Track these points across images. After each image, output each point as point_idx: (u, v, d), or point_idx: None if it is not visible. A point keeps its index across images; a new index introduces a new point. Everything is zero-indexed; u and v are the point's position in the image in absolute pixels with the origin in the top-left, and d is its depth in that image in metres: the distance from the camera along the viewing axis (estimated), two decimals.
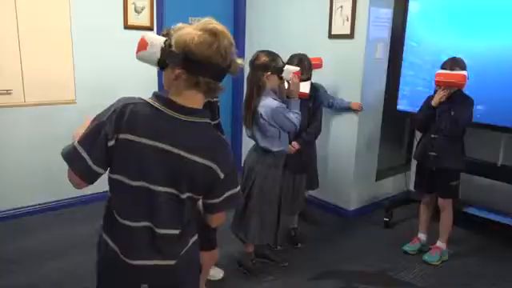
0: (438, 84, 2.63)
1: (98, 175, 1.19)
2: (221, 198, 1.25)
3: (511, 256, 2.99)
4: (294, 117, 2.40)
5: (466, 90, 2.66)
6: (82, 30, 3.31)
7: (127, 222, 1.21)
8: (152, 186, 1.17)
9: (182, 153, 1.15)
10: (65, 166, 1.18)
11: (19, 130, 3.20)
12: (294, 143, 2.86)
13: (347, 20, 3.32)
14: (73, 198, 3.42)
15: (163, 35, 1.49)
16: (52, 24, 3.18)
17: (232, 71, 1.20)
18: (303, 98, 2.66)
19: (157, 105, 1.17)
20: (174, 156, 1.15)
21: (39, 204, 3.38)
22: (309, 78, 2.83)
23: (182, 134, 1.16)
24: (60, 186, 3.34)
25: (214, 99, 2.16)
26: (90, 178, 1.19)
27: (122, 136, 1.15)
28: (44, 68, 3.19)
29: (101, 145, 1.15)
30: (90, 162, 1.16)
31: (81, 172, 1.18)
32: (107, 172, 1.21)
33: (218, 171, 1.20)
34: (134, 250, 1.22)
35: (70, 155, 1.18)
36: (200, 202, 1.28)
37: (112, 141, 1.15)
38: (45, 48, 3.17)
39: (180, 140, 1.16)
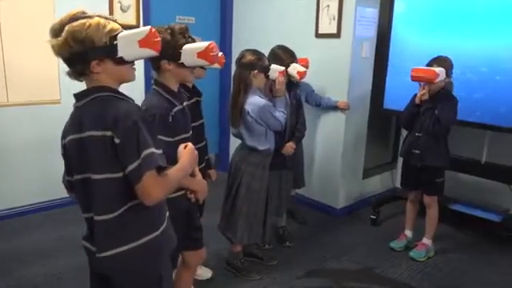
0: (412, 79, 2.67)
1: (69, 182, 1.33)
2: (131, 167, 1.16)
3: (495, 251, 3.05)
4: (281, 115, 2.41)
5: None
6: None
7: (84, 215, 1.31)
8: (80, 176, 1.24)
9: (78, 135, 1.21)
10: (49, 167, 1.27)
11: (3, 131, 3.14)
12: (291, 144, 2.87)
13: (334, 19, 3.34)
14: (61, 198, 3.37)
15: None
16: (35, 22, 3.12)
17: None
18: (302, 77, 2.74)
19: (75, 104, 1.27)
20: (75, 142, 1.22)
21: (23, 206, 3.32)
22: (293, 62, 2.80)
23: (80, 117, 1.23)
24: (44, 187, 3.32)
25: (197, 98, 2.15)
26: (67, 186, 1.35)
27: (62, 143, 1.30)
28: (27, 67, 3.14)
29: None
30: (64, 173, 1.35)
31: (64, 184, 1.37)
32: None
33: (114, 137, 1.16)
34: (86, 234, 1.34)
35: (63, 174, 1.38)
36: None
37: (62, 149, 1.31)
38: (28, 46, 3.11)
39: (78, 124, 1.22)
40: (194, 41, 1.82)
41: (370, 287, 2.58)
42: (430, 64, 2.67)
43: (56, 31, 1.20)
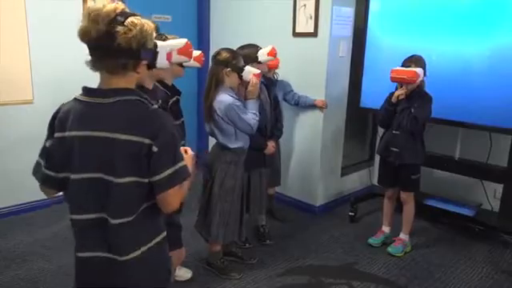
0: (392, 80, 2.71)
1: (53, 178, 1.25)
2: (161, 175, 1.18)
3: (469, 244, 3.13)
4: (251, 117, 2.38)
5: (426, 87, 2.77)
6: (39, 25, 3.16)
7: (75, 216, 1.24)
8: (92, 175, 1.19)
9: (105, 134, 1.17)
10: (22, 169, 1.18)
11: None
12: (272, 143, 2.87)
13: (311, 18, 3.36)
14: (31, 202, 3.28)
15: None
16: (6, 18, 3.01)
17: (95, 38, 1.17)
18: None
19: (82, 98, 1.22)
20: (98, 140, 1.17)
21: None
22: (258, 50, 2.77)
23: (106, 116, 1.18)
24: (19, 189, 3.23)
25: (178, 97, 2.13)
26: (47, 182, 1.27)
27: (55, 135, 1.23)
28: None
29: (45, 149, 1.26)
30: (42, 167, 1.26)
31: (38, 178, 1.28)
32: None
33: (153, 146, 1.16)
34: (83, 242, 1.26)
35: (34, 167, 1.29)
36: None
37: (48, 141, 1.25)
38: None
39: (103, 122, 1.18)
40: (167, 38, 1.83)
41: (350, 284, 2.62)
42: (406, 63, 2.70)
43: (110, 18, 1.19)
